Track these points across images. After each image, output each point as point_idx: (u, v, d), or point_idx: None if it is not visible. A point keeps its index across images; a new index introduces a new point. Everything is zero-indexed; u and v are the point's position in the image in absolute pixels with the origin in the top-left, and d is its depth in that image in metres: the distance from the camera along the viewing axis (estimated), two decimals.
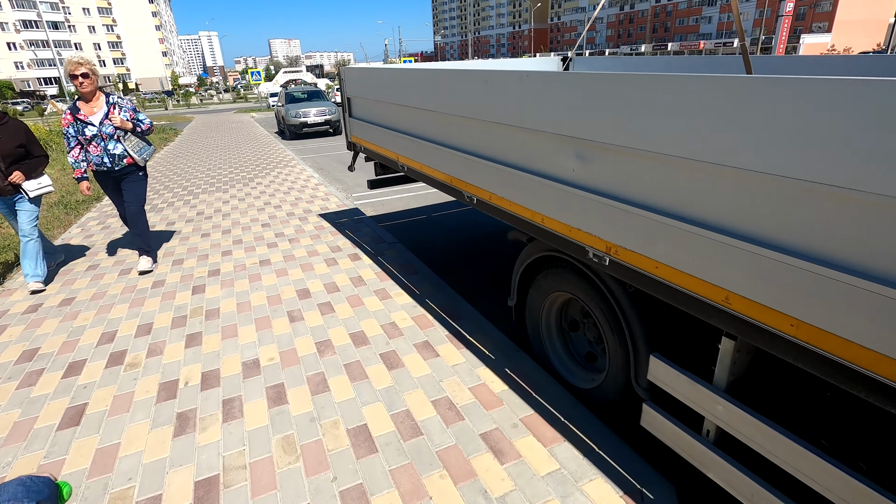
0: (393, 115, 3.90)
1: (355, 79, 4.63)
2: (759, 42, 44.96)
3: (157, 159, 11.98)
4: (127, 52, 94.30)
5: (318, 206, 6.66)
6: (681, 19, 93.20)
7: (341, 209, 6.47)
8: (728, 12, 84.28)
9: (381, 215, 6.56)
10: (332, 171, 10.07)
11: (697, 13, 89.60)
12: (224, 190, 7.85)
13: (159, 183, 8.96)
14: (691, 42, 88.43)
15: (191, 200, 7.27)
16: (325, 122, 16.28)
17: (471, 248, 5.32)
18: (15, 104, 62.21)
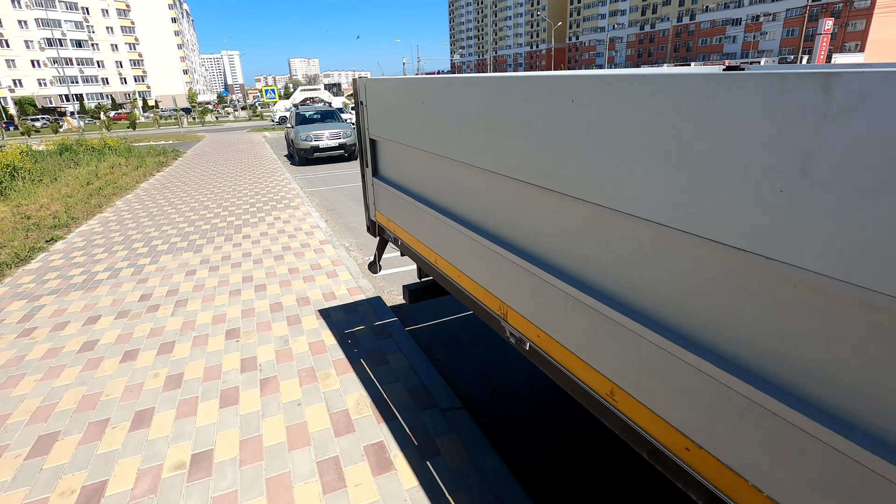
0: (472, 188, 1.92)
1: (383, 101, 2.66)
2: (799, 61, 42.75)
3: (137, 193, 10.20)
4: (148, 70, 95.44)
5: (321, 287, 4.61)
6: (703, 38, 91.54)
7: (355, 297, 4.37)
8: (754, 31, 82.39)
9: (417, 309, 4.41)
10: (344, 214, 8.13)
11: (721, 32, 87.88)
12: (197, 248, 5.91)
13: (118, 232, 7.09)
14: (715, 61, 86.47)
15: (144, 268, 5.31)
16: (338, 146, 14.50)
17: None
18: (34, 120, 62.61)
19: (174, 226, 7.16)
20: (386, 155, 2.80)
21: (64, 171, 12.97)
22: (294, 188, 9.99)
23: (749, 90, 0.88)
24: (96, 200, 9.25)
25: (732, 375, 0.99)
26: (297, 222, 7.03)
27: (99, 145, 18.26)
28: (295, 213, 7.55)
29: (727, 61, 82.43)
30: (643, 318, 1.21)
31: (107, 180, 11.59)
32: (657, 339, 1.15)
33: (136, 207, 8.76)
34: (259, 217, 7.44)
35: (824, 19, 45.07)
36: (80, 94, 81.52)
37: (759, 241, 0.90)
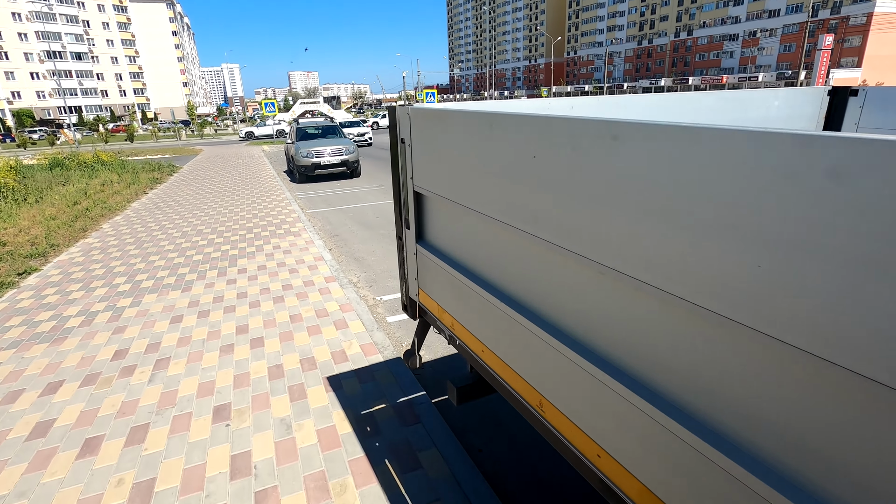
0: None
1: (437, 139, 1.93)
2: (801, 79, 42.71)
3: (127, 214, 9.52)
4: (148, 83, 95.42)
5: (329, 343, 3.81)
6: (701, 54, 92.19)
7: (371, 358, 3.55)
8: (751, 47, 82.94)
9: (441, 366, 3.70)
10: (349, 241, 7.46)
11: (718, 48, 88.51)
12: (186, 285, 5.21)
13: (100, 263, 6.41)
14: (713, 76, 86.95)
15: (123, 312, 4.59)
16: (341, 163, 13.88)
17: None
18: (32, 132, 62.13)
19: (162, 255, 6.47)
20: (438, 215, 2.11)
21: (52, 189, 12.30)
22: (294, 210, 9.33)
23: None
24: (82, 223, 8.57)
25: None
26: (298, 252, 6.35)
27: (92, 160, 17.62)
28: (296, 242, 6.87)
29: (724, 77, 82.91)
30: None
31: (96, 199, 10.92)
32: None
33: (123, 232, 8.08)
34: (257, 245, 6.76)
35: (825, 35, 45.14)
36: (79, 106, 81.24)
37: None
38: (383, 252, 6.67)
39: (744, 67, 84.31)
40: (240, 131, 43.53)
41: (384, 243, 7.10)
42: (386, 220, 8.66)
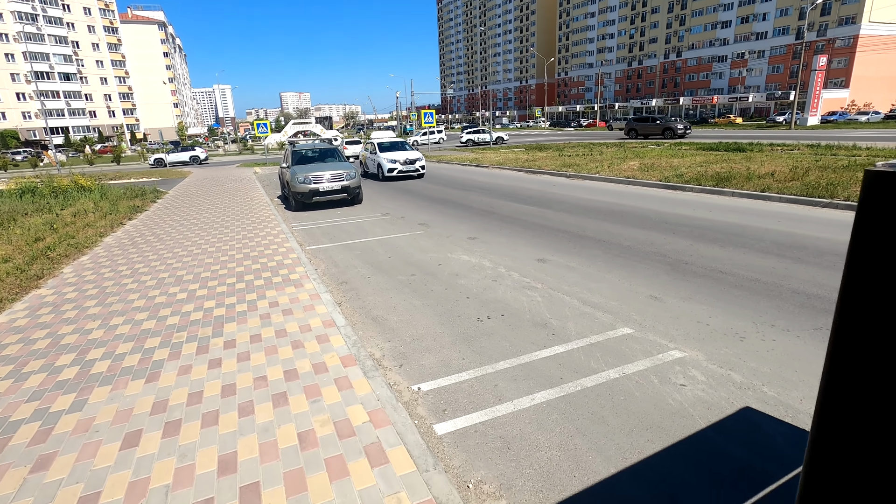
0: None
1: None
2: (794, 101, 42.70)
3: (96, 253, 8.12)
4: (137, 103, 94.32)
5: (365, 498, 2.44)
6: (691, 74, 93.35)
7: None
8: (740, 68, 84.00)
9: None
10: (362, 291, 6.16)
11: (708, 69, 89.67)
12: (153, 371, 3.86)
13: (45, 330, 5.03)
14: (703, 97, 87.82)
15: (57, 422, 3.23)
16: (341, 189, 12.65)
17: None
18: (15, 153, 60.40)
19: (129, 317, 5.11)
20: None
21: (15, 221, 10.89)
22: (293, 247, 8.02)
23: None
24: (38, 267, 7.18)
25: None
26: (301, 312, 5.02)
27: (68, 186, 16.22)
28: (297, 296, 5.55)
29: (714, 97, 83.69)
30: None
31: (63, 234, 9.53)
32: None
33: (86, 278, 6.70)
34: (249, 302, 5.42)
35: (819, 56, 45.51)
36: (66, 126, 79.69)
37: None
38: (407, 308, 5.37)
39: (733, 88, 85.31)
40: (149, 158, 40.31)
41: (405, 294, 5.81)
42: (400, 259, 7.38)
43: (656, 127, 34.76)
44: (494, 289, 5.85)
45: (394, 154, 18.19)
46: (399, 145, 19.40)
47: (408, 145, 19.59)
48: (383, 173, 17.97)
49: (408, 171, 17.97)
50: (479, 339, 4.52)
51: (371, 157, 19.38)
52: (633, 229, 8.53)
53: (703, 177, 13.11)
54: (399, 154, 18.17)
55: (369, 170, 19.84)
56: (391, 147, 19.16)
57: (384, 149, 18.92)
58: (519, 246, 7.85)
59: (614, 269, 6.35)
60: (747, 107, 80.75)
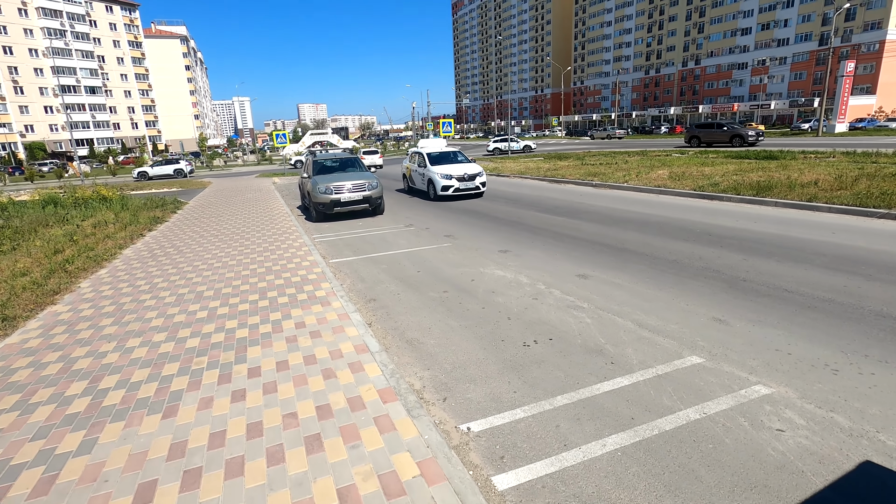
0: None
1: None
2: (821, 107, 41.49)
3: (114, 266, 7.83)
4: (160, 115, 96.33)
5: None
6: (710, 82, 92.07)
7: None
8: (761, 75, 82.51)
9: None
10: (393, 310, 5.74)
11: (727, 76, 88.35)
12: (169, 408, 3.46)
13: (57, 352, 4.70)
14: (723, 104, 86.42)
15: (62, 469, 2.87)
16: (363, 200, 12.32)
17: None
18: (42, 165, 61.99)
19: (146, 338, 4.75)
20: None
21: (36, 233, 10.77)
22: (316, 261, 7.65)
23: None
24: (56, 282, 6.92)
25: None
26: (330, 335, 4.60)
27: (90, 196, 16.22)
28: (325, 315, 5.14)
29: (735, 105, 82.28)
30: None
31: (83, 246, 9.33)
32: None
33: (103, 294, 6.40)
34: (273, 322, 5.03)
35: (846, 62, 44.24)
36: (91, 138, 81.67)
37: None
38: (443, 329, 4.92)
39: (754, 95, 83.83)
40: (133, 172, 39.05)
41: (440, 314, 5.37)
42: (430, 274, 6.95)
43: (723, 134, 30.73)
44: (536, 308, 5.38)
45: (447, 167, 14.76)
46: (452, 156, 15.85)
47: (462, 155, 16.10)
48: (435, 191, 14.51)
49: (466, 188, 14.43)
50: (528, 367, 4.04)
51: (419, 170, 15.96)
52: (676, 242, 7.98)
53: (740, 186, 12.48)
54: (454, 167, 14.78)
55: (416, 185, 16.54)
56: (443, 158, 15.60)
57: (435, 160, 15.36)
58: (555, 260, 7.36)
59: (665, 287, 5.83)
60: (769, 114, 79.17)
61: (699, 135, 32.24)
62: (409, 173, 17.12)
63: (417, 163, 16.23)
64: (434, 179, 14.56)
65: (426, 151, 15.93)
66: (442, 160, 15.54)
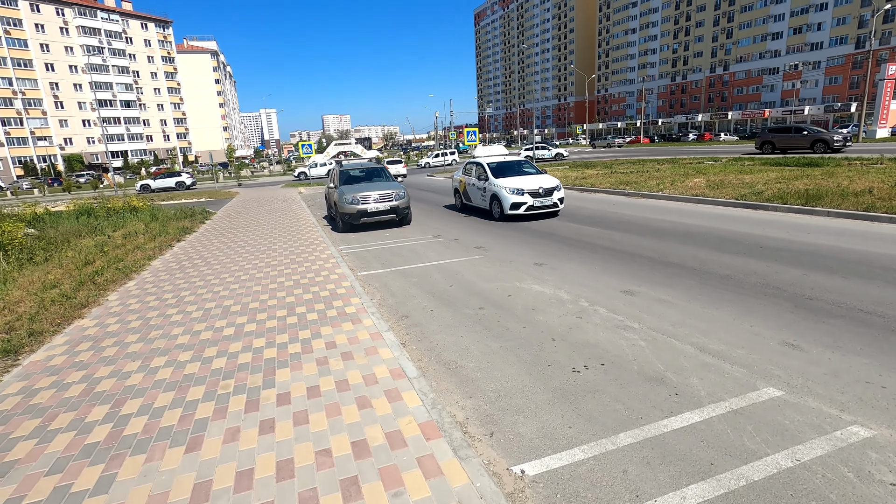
0: None
1: None
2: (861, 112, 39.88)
3: (142, 278, 7.73)
4: (190, 128, 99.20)
5: None
6: (739, 88, 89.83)
7: None
8: (793, 80, 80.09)
9: None
10: (428, 328, 5.42)
11: (758, 82, 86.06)
12: (193, 440, 3.17)
13: (81, 371, 4.53)
14: (754, 110, 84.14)
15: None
16: (390, 210, 12.09)
17: None
18: (79, 176, 64.38)
19: (170, 358, 4.53)
20: None
21: (69, 243, 10.86)
22: (345, 274, 7.40)
23: None
24: (84, 295, 6.83)
25: None
26: (363, 358, 4.29)
27: (122, 207, 16.48)
28: (356, 334, 4.84)
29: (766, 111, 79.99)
30: None
31: (113, 257, 9.33)
32: None
33: (130, 308, 6.27)
34: (303, 341, 4.76)
35: (887, 64, 42.44)
36: (125, 150, 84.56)
37: None
38: (482, 351, 4.56)
39: (786, 101, 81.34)
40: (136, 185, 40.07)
41: (477, 333, 5.01)
42: (463, 288, 6.61)
43: (803, 139, 27.12)
44: (582, 328, 4.97)
45: (516, 180, 12.07)
46: (518, 166, 13.11)
47: (530, 165, 13.38)
48: (503, 209, 11.84)
49: (542, 206, 11.67)
50: (581, 397, 3.64)
51: (478, 185, 13.19)
52: (724, 255, 7.45)
53: (786, 194, 11.79)
54: (524, 180, 12.03)
55: (473, 202, 13.84)
56: (508, 169, 12.89)
57: (499, 172, 12.72)
58: (595, 274, 6.93)
59: (723, 306, 5.34)
60: (803, 120, 76.66)
61: (773, 140, 28.39)
62: (464, 188, 14.33)
63: (476, 175, 13.47)
64: (500, 195, 11.90)
65: (486, 161, 13.31)
66: (507, 171, 12.80)
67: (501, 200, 11.92)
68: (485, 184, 12.78)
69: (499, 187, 12.06)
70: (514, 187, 11.81)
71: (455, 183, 15.30)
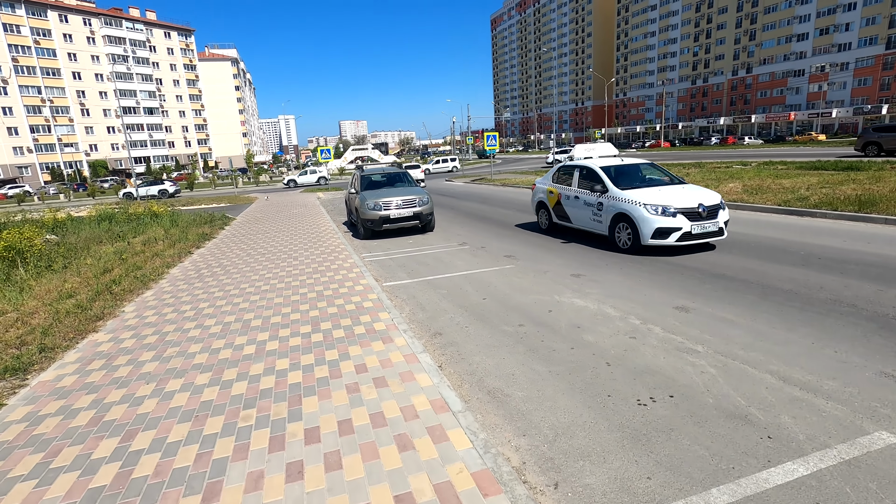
0: None
1: None
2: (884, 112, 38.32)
3: (160, 288, 7.42)
4: (210, 134, 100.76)
5: None
6: (763, 91, 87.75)
7: None
8: (820, 82, 77.93)
9: None
10: (465, 349, 4.96)
11: (782, 84, 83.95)
12: (211, 489, 2.80)
13: (91, 395, 4.19)
14: (778, 113, 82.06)
15: None
16: (413, 216, 11.69)
17: None
18: (103, 181, 65.72)
19: (187, 380, 4.15)
20: None
21: (88, 250, 10.69)
22: (370, 285, 6.98)
23: None
24: (100, 305, 6.54)
25: None
26: (399, 385, 3.84)
27: (142, 213, 16.40)
28: (388, 355, 4.39)
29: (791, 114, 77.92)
30: None
31: (131, 265, 9.08)
32: None
33: (147, 320, 5.93)
34: (330, 363, 4.33)
35: None
36: (148, 156, 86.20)
37: None
38: (530, 377, 4.07)
39: (812, 104, 79.11)
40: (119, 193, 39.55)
41: (520, 354, 4.53)
42: (498, 302, 6.13)
43: None
44: (639, 350, 4.45)
45: (658, 194, 8.20)
46: (644, 173, 9.40)
47: (658, 169, 9.59)
48: (639, 236, 8.04)
49: (705, 233, 7.89)
50: (654, 438, 3.13)
51: (585, 197, 9.30)
52: (781, 266, 6.84)
53: (835, 200, 11.05)
54: (671, 194, 8.21)
55: (574, 222, 9.83)
56: (632, 176, 9.20)
57: (623, 181, 8.92)
58: (640, 286, 6.38)
59: (795, 326, 4.76)
60: (830, 123, 74.50)
61: (880, 141, 24.90)
62: (555, 201, 10.31)
63: (580, 185, 9.51)
64: (635, 215, 8.00)
65: (600, 165, 9.30)
66: (633, 179, 9.02)
67: (637, 224, 7.95)
68: (600, 198, 8.82)
69: (630, 204, 8.09)
70: (657, 204, 7.82)
71: (539, 195, 11.07)
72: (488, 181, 28.39)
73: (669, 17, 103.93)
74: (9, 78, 69.29)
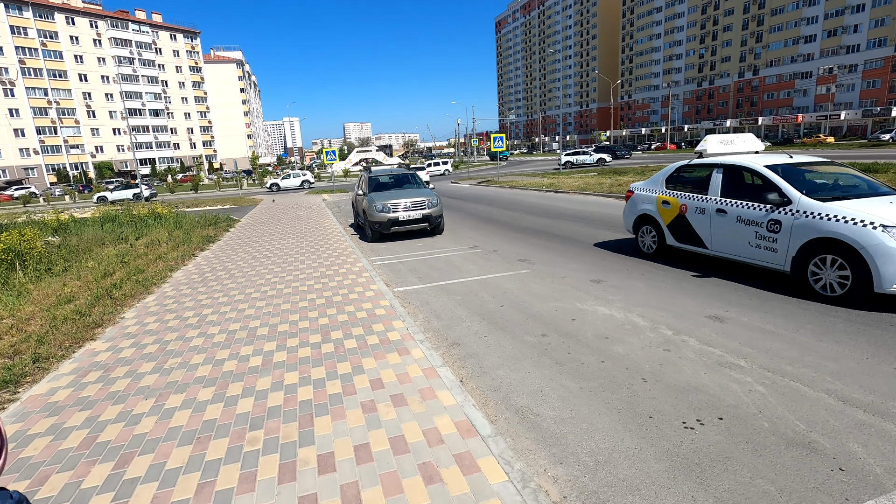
0: None
1: None
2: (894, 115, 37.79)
3: (163, 292, 7.11)
4: (216, 135, 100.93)
5: None
6: (769, 93, 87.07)
7: None
8: (828, 84, 77.24)
9: None
10: (486, 361, 4.64)
11: (789, 86, 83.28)
12: None
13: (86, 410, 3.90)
14: (785, 116, 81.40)
15: None
16: (422, 218, 11.37)
17: None
18: (109, 183, 65.77)
19: (188, 396, 3.84)
20: None
21: (90, 252, 10.42)
22: (381, 291, 6.66)
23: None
24: (100, 311, 6.25)
25: None
26: (419, 403, 3.51)
27: (147, 215, 16.17)
28: (406, 370, 4.07)
29: (799, 116, 77.28)
30: None
31: (133, 268, 8.80)
32: None
33: (147, 327, 5.63)
34: (342, 377, 4.01)
35: None
36: (153, 158, 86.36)
37: None
38: (560, 394, 3.74)
39: (820, 106, 78.39)
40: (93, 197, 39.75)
41: (546, 368, 4.19)
42: (516, 309, 5.79)
43: None
44: (675, 365, 4.10)
45: (887, 210, 5.05)
46: (825, 177, 6.55)
47: (849, 171, 6.50)
48: (879, 276, 4.79)
49: None
50: (709, 469, 2.79)
51: (745, 212, 6.20)
52: None
53: None
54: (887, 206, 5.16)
55: (711, 246, 6.82)
56: (823, 181, 6.39)
57: (818, 190, 5.92)
58: (666, 293, 6.04)
59: (842, 338, 4.41)
60: (839, 125, 73.80)
61: None
62: (674, 214, 7.43)
63: (724, 191, 6.68)
64: (870, 244, 4.87)
65: (764, 163, 6.31)
66: (826, 186, 6.28)
67: (871, 258, 4.87)
68: (774, 213, 5.84)
69: (848, 224, 5.09)
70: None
71: (645, 204, 8.12)
72: (495, 183, 28.07)
73: (675, 18, 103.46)
74: (16, 80, 69.57)
